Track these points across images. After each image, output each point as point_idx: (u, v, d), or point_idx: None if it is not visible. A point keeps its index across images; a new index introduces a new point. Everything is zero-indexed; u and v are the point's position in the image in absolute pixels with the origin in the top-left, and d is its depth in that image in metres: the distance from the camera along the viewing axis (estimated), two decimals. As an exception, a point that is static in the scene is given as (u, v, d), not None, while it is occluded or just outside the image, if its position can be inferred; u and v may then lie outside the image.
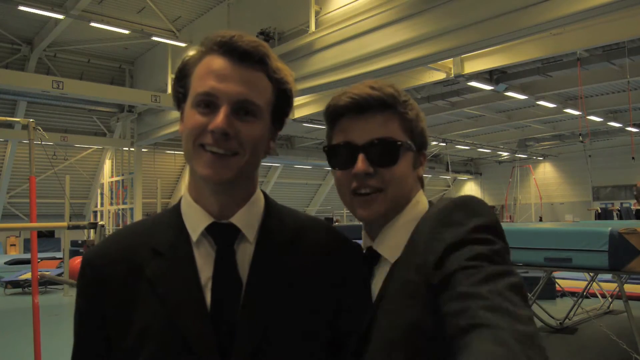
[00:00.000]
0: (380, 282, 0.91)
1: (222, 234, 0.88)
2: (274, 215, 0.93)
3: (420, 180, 1.02)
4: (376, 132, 0.91)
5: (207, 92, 0.84)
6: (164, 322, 0.83)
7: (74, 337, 0.93)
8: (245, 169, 0.86)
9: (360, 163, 0.91)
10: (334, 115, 0.96)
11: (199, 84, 0.85)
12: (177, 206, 0.94)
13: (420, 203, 0.97)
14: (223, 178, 0.84)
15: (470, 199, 0.88)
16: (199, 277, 0.86)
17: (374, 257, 0.95)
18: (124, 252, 0.89)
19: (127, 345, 0.84)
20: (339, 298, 0.90)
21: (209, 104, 0.84)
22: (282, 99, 0.90)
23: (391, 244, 0.93)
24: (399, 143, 0.93)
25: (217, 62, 0.85)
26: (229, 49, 0.85)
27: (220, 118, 0.82)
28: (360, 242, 1.01)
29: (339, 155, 0.95)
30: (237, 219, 0.89)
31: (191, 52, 0.90)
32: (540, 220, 20.74)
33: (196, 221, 0.89)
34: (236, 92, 0.83)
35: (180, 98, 0.91)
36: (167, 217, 0.93)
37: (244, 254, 0.88)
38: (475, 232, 0.80)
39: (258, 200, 0.93)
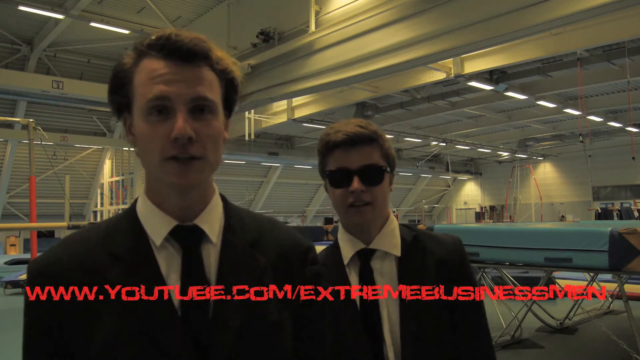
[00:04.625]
0: (391, 268, 1.22)
1: (187, 237, 0.87)
2: (234, 216, 0.94)
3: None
4: (366, 159, 1.20)
5: (158, 96, 0.81)
6: (134, 327, 0.81)
7: (23, 355, 0.87)
8: (210, 169, 0.87)
9: (357, 183, 1.18)
10: (330, 147, 1.22)
11: (146, 91, 0.82)
12: (132, 210, 0.91)
13: (393, 218, 1.33)
14: (192, 182, 0.84)
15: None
16: (165, 281, 0.85)
17: (368, 254, 1.24)
18: (78, 258, 0.85)
19: (93, 355, 0.81)
20: (305, 291, 0.95)
21: (162, 109, 0.82)
22: (230, 88, 0.90)
23: (391, 244, 1.25)
24: (383, 168, 1.23)
25: (160, 66, 0.82)
26: (171, 50, 0.82)
27: (180, 123, 0.80)
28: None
29: (337, 178, 1.21)
30: (200, 221, 0.89)
31: (124, 59, 0.87)
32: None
33: (159, 225, 0.87)
34: (189, 91, 0.82)
35: (122, 107, 0.88)
36: (123, 222, 0.90)
37: (209, 256, 0.88)
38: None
39: (218, 202, 0.94)
